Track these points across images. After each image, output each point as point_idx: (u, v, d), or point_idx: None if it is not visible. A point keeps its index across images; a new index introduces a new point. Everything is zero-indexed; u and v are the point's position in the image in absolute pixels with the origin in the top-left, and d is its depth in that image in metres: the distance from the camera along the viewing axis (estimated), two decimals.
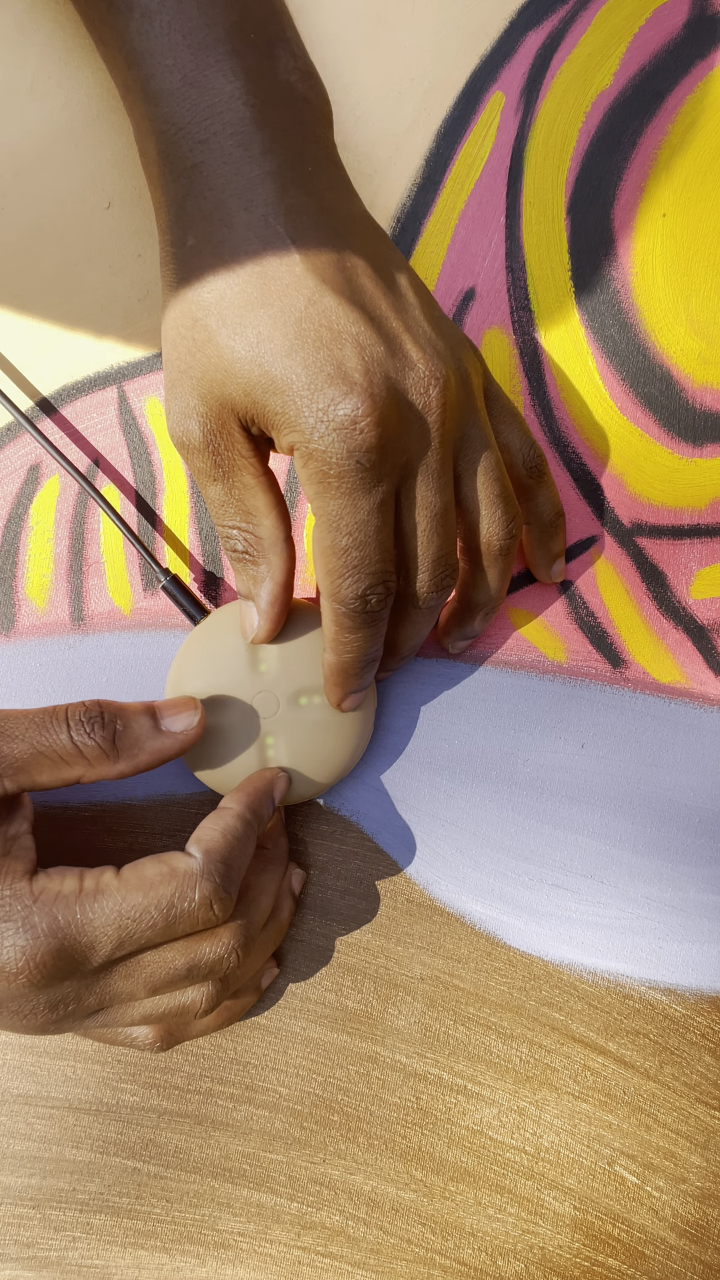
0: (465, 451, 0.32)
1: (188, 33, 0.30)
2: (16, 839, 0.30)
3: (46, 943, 0.28)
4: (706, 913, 0.38)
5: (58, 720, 0.30)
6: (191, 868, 0.30)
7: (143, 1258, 0.37)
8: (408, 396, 0.30)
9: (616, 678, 0.39)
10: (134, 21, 0.30)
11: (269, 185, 0.30)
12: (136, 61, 0.30)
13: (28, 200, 0.37)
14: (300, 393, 0.29)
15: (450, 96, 0.38)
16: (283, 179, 0.30)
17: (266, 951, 0.35)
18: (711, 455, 0.39)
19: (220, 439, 0.31)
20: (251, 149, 0.30)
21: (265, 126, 0.30)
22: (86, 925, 0.29)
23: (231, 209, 0.30)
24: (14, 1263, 0.37)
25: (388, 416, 0.29)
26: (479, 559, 0.34)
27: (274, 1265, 0.38)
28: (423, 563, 0.32)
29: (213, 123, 0.30)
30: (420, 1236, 0.38)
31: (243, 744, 0.34)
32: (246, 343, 0.29)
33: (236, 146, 0.30)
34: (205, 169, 0.30)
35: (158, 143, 0.31)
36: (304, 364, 0.29)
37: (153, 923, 0.29)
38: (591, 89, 0.38)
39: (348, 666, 0.33)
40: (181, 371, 0.31)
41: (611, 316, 0.38)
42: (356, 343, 0.29)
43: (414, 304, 0.31)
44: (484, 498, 0.33)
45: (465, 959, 0.38)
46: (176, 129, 0.30)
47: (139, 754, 0.31)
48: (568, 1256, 0.38)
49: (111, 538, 0.38)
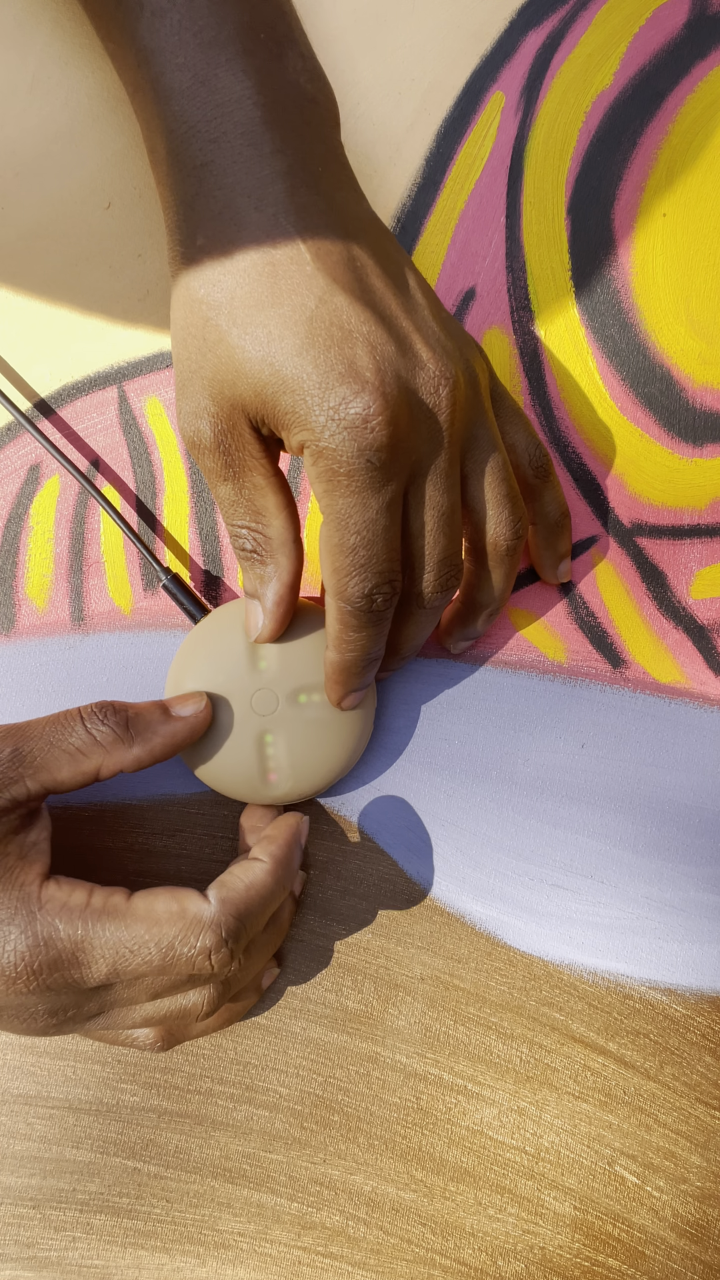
0: (473, 452, 0.32)
1: (198, 31, 0.30)
2: (35, 845, 0.30)
3: (45, 952, 0.28)
4: (706, 913, 0.38)
5: (71, 718, 0.31)
6: (201, 915, 0.29)
7: (143, 1258, 0.37)
8: (418, 396, 0.30)
9: (616, 678, 0.39)
10: (144, 20, 0.30)
11: (279, 185, 0.30)
12: (147, 60, 0.30)
13: (28, 200, 0.37)
14: (311, 391, 0.29)
15: (450, 96, 0.38)
16: (293, 179, 0.30)
17: (267, 953, 0.35)
18: (711, 455, 0.39)
19: (231, 439, 0.31)
20: (262, 148, 0.30)
21: (275, 126, 0.30)
22: (85, 944, 0.29)
23: (242, 208, 0.30)
24: (14, 1263, 0.37)
25: (399, 416, 0.29)
26: (484, 559, 0.34)
27: (274, 1265, 0.38)
28: (429, 562, 0.32)
29: (223, 122, 0.30)
30: (420, 1237, 0.38)
31: (242, 741, 0.34)
32: (257, 342, 0.29)
33: (247, 146, 0.30)
34: (215, 168, 0.30)
35: (167, 141, 0.31)
36: (315, 363, 0.29)
37: (148, 959, 0.29)
38: (592, 89, 0.38)
39: (350, 665, 0.33)
40: (192, 371, 0.31)
41: (611, 316, 0.38)
42: (368, 342, 0.29)
43: (422, 304, 0.32)
44: (491, 498, 0.33)
45: (465, 959, 0.38)
46: (187, 127, 0.30)
47: (152, 737, 0.31)
48: (568, 1256, 0.38)
49: (112, 538, 0.38)
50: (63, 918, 0.29)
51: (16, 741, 0.30)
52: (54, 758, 0.30)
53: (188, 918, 0.29)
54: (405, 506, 0.31)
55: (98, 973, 0.29)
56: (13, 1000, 0.29)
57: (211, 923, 0.29)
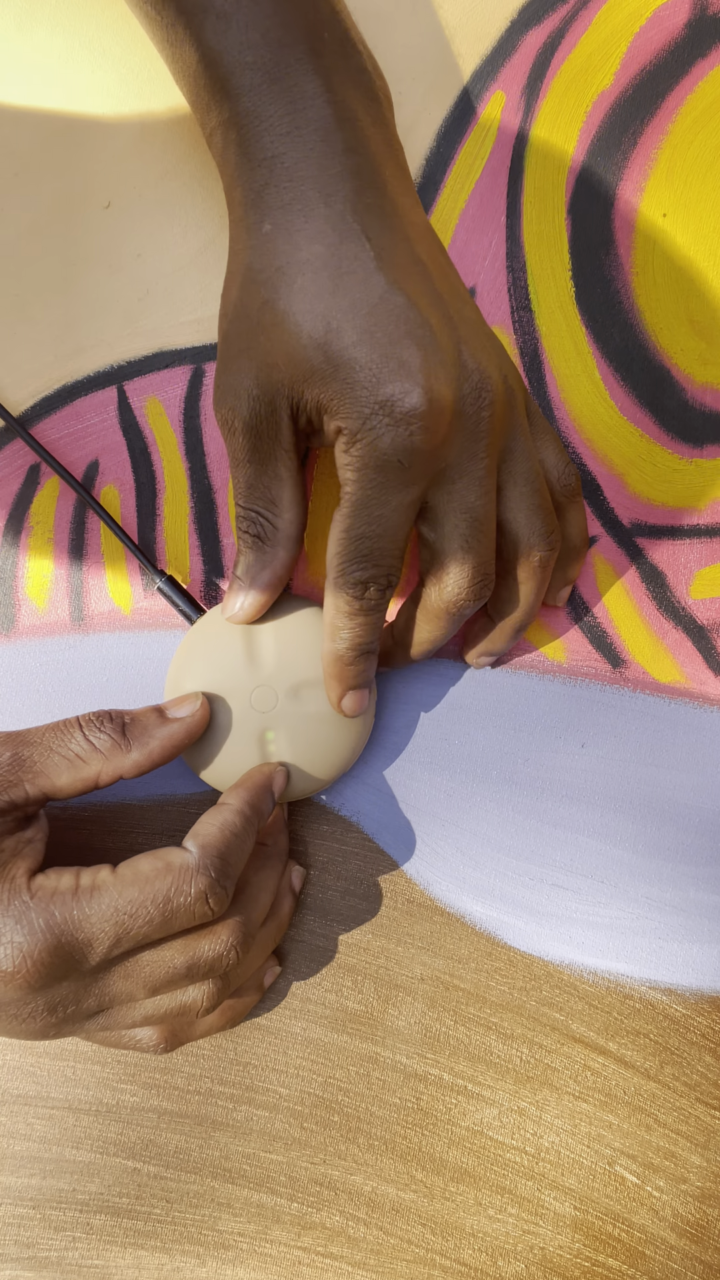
0: (508, 463, 0.33)
1: (265, 31, 0.31)
2: (30, 842, 0.31)
3: (43, 940, 0.28)
4: (706, 913, 0.38)
5: (70, 726, 0.31)
6: (187, 862, 0.30)
7: (143, 1258, 0.37)
8: (463, 404, 0.31)
9: (616, 678, 0.39)
10: (209, 23, 0.31)
11: (348, 183, 0.31)
12: (214, 60, 0.31)
13: (28, 200, 0.37)
14: (363, 383, 0.29)
15: (450, 96, 0.38)
16: (360, 179, 0.31)
17: (267, 949, 0.35)
18: (711, 455, 0.39)
19: (266, 424, 0.31)
20: (334, 145, 0.31)
21: (345, 124, 0.31)
22: (84, 921, 0.29)
23: (311, 200, 0.31)
24: (14, 1263, 0.37)
25: (440, 422, 0.30)
26: (514, 571, 0.34)
27: (274, 1265, 0.38)
28: (461, 568, 0.32)
29: (295, 118, 0.31)
30: (420, 1237, 0.38)
31: (243, 740, 0.34)
32: (316, 329, 0.30)
33: (320, 141, 0.31)
34: (288, 159, 0.31)
35: (238, 134, 0.31)
36: (370, 355, 0.29)
37: (149, 918, 0.29)
38: (592, 89, 0.38)
39: (341, 654, 0.33)
40: (240, 350, 0.31)
41: (612, 316, 0.38)
42: (422, 345, 0.30)
43: (471, 317, 0.32)
44: (526, 507, 0.33)
45: (465, 959, 0.38)
46: (259, 121, 0.31)
47: (150, 741, 0.31)
48: (568, 1257, 0.38)
49: (112, 538, 0.38)
50: (56, 903, 0.29)
51: (16, 747, 0.30)
52: (53, 764, 0.30)
53: (175, 869, 0.30)
54: (441, 511, 0.32)
55: (101, 946, 0.29)
56: (13, 995, 0.29)
57: (199, 867, 0.30)
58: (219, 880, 0.30)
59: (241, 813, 0.32)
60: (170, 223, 0.37)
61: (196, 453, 0.38)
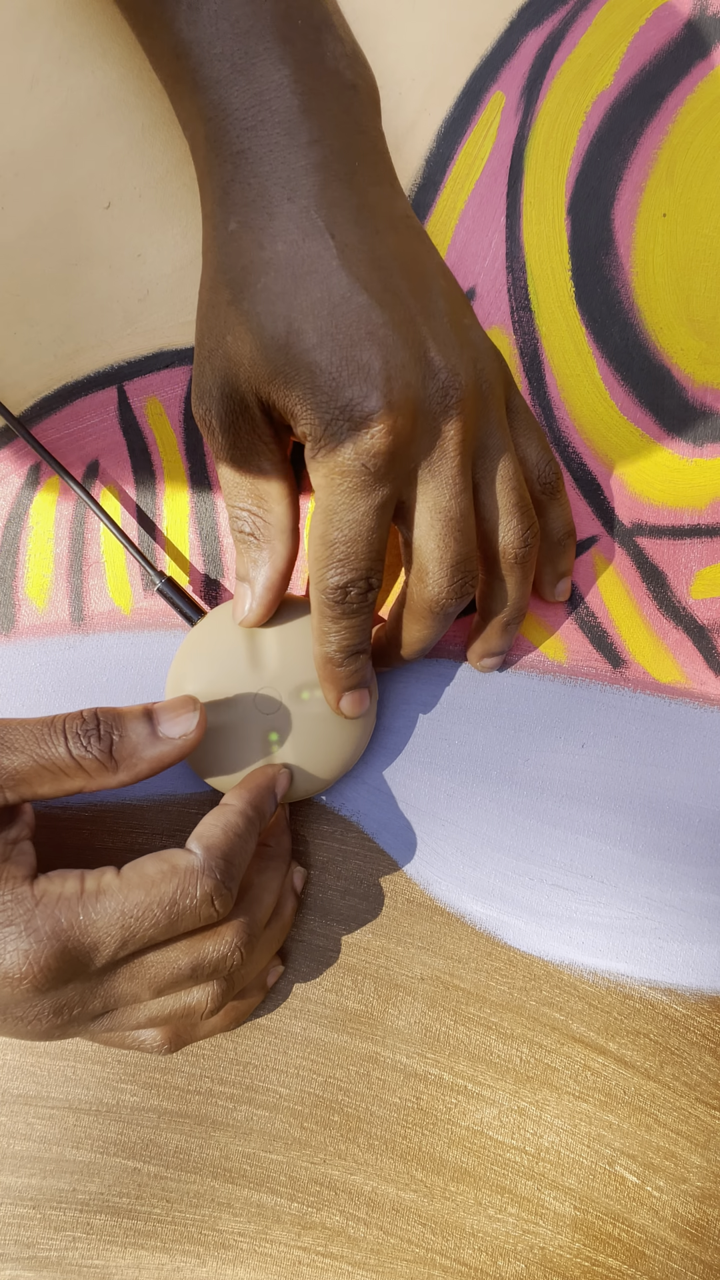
0: (483, 461, 0.32)
1: (235, 21, 0.30)
2: (16, 843, 0.30)
3: (50, 945, 0.28)
4: (706, 913, 0.38)
5: (55, 732, 0.30)
6: (192, 864, 0.30)
7: (143, 1258, 0.37)
8: (426, 404, 0.30)
9: (616, 678, 0.39)
10: (182, 13, 0.30)
11: (313, 177, 0.30)
12: (185, 51, 0.31)
13: (28, 200, 0.37)
14: (322, 387, 0.29)
15: (450, 96, 0.38)
16: (327, 172, 0.30)
17: (271, 949, 0.35)
18: (711, 455, 0.39)
19: (242, 421, 0.31)
20: (298, 138, 0.30)
21: (313, 115, 0.30)
22: (90, 926, 0.29)
23: (275, 197, 0.30)
24: (14, 1263, 0.37)
25: (402, 425, 0.29)
26: (496, 568, 0.34)
27: (274, 1265, 0.38)
28: (440, 567, 0.32)
29: (260, 110, 0.30)
30: (420, 1237, 0.38)
31: (246, 742, 0.34)
32: (277, 330, 0.29)
33: (283, 135, 0.30)
34: (251, 155, 0.30)
35: (206, 128, 0.31)
36: (330, 359, 0.29)
37: (155, 920, 0.29)
38: (592, 89, 0.38)
39: (330, 657, 0.33)
40: (210, 350, 0.31)
41: (612, 316, 0.38)
42: (383, 345, 0.29)
43: (444, 310, 0.32)
44: (501, 506, 0.33)
45: (465, 959, 0.38)
46: (225, 115, 0.30)
47: (138, 763, 0.31)
48: (568, 1256, 0.38)
49: (112, 538, 0.38)
50: (61, 908, 0.29)
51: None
52: (35, 774, 0.30)
53: (180, 872, 0.29)
54: (415, 512, 0.32)
55: (107, 949, 0.29)
56: (19, 998, 0.29)
57: (204, 869, 0.30)
58: (224, 882, 0.30)
59: (244, 814, 0.32)
60: (170, 223, 0.37)
61: (196, 453, 0.38)
